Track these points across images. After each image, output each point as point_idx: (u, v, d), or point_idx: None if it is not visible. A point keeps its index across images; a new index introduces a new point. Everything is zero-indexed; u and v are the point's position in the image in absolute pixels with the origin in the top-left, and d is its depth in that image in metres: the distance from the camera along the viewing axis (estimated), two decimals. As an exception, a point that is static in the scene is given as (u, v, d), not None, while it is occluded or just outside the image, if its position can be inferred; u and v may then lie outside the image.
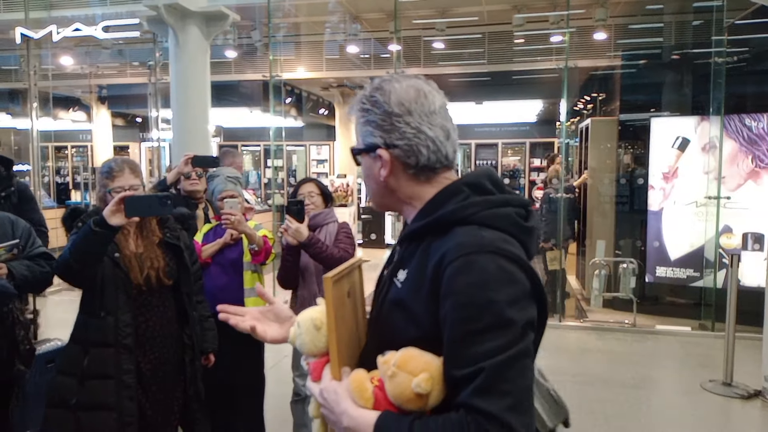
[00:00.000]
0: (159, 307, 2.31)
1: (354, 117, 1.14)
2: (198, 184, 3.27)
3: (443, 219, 1.04)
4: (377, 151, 1.09)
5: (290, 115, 11.94)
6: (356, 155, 1.15)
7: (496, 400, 0.90)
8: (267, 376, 3.24)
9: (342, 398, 1.01)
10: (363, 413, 0.98)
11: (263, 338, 1.24)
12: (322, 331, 1.09)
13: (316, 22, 9.25)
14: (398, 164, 1.09)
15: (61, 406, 2.16)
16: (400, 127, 1.07)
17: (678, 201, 6.18)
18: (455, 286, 0.95)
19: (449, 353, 0.95)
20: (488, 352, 0.91)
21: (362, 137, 1.12)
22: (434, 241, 1.03)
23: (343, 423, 1.00)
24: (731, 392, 4.30)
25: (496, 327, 0.92)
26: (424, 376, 0.94)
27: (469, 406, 0.91)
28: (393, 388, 0.96)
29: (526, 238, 1.05)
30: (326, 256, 2.73)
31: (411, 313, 1.02)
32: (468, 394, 0.91)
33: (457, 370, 0.93)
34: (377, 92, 1.09)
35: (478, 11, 8.27)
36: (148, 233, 2.33)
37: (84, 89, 12.55)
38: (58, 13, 7.88)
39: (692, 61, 6.76)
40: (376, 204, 1.20)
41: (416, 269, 1.04)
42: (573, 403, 1.07)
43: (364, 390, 0.99)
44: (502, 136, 12.07)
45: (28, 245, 2.50)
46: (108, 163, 2.31)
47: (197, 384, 2.41)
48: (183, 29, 6.38)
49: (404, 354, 0.97)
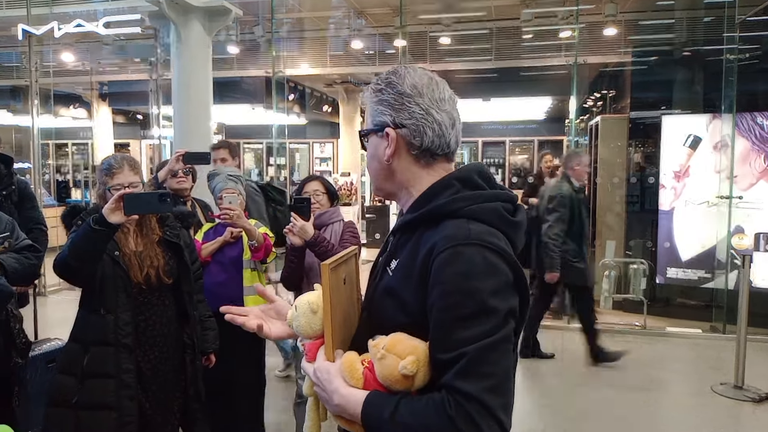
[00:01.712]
0: (159, 306, 2.30)
1: (366, 100, 1.20)
2: (185, 182, 3.25)
3: (434, 212, 1.10)
4: (385, 129, 1.14)
5: (293, 112, 11.87)
6: (364, 137, 1.21)
7: (475, 381, 0.96)
8: (269, 377, 3.18)
9: (334, 377, 1.08)
10: (353, 392, 1.05)
11: (268, 336, 1.29)
12: (318, 314, 1.15)
13: (320, 18, 9.17)
14: (403, 144, 1.15)
15: (61, 405, 2.16)
16: (410, 107, 1.13)
17: (689, 200, 6.09)
18: (443, 276, 1.01)
19: (435, 338, 1.01)
20: (471, 337, 0.97)
21: (372, 117, 1.18)
22: (425, 232, 1.10)
23: (334, 400, 1.06)
24: (742, 395, 4.25)
25: (479, 314, 0.99)
26: (411, 359, 1.00)
27: (451, 387, 0.97)
28: (381, 370, 1.03)
29: (512, 231, 1.10)
30: (332, 255, 2.64)
31: (401, 300, 1.09)
32: (451, 376, 0.97)
33: (442, 354, 0.99)
34: (392, 75, 1.16)
35: (486, 6, 8.20)
36: (148, 231, 2.32)
37: (85, 86, 12.54)
38: (59, 10, 7.85)
39: (704, 58, 6.69)
40: (376, 188, 1.24)
41: (407, 259, 1.11)
42: (583, 406, 1.01)
43: (354, 370, 1.06)
44: (510, 134, 11.98)
45: (14, 238, 2.54)
46: (107, 160, 2.29)
47: (197, 384, 2.40)
48: (185, 24, 6.31)
49: (393, 338, 1.04)
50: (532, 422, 3.85)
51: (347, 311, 1.21)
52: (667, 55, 7.18)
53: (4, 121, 13.31)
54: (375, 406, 1.02)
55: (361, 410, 1.03)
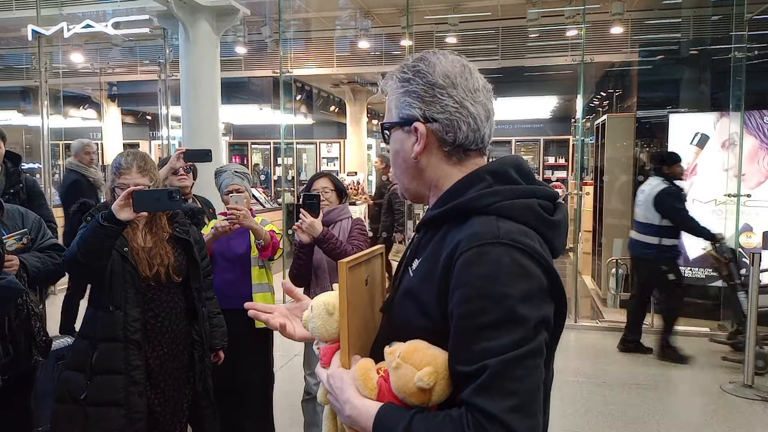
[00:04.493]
0: (168, 302, 2.29)
1: (389, 89, 1.08)
2: (186, 180, 3.26)
3: (461, 207, 0.99)
4: (414, 124, 1.03)
5: (300, 112, 11.89)
6: (387, 130, 1.09)
7: (498, 400, 0.85)
8: (278, 374, 3.20)
9: (347, 386, 0.99)
10: (365, 403, 0.96)
11: (291, 336, 1.20)
12: (334, 316, 1.07)
13: (327, 18, 9.20)
14: (434, 140, 1.04)
15: (69, 401, 2.15)
16: (442, 99, 1.01)
17: (697, 199, 6.06)
18: (465, 278, 0.91)
19: (455, 347, 0.91)
20: (495, 348, 0.87)
21: (398, 109, 1.06)
22: (451, 230, 0.99)
23: (346, 411, 0.98)
24: (752, 394, 4.23)
25: (505, 323, 0.88)
26: (428, 370, 0.90)
27: (470, 404, 0.87)
28: (396, 380, 0.94)
29: (549, 231, 0.99)
30: (340, 253, 2.66)
31: (421, 303, 0.99)
32: (471, 391, 0.87)
33: (462, 366, 0.89)
34: (421, 62, 1.04)
35: (492, 6, 8.20)
36: (158, 229, 2.31)
37: (94, 87, 12.60)
38: (69, 10, 7.91)
39: (711, 57, 6.65)
40: (403, 189, 1.13)
41: (429, 258, 1.01)
42: (590, 405, 1.01)
43: (368, 379, 0.97)
44: (516, 133, 11.94)
45: (39, 237, 2.53)
46: (118, 159, 2.28)
47: (206, 381, 2.39)
48: (193, 24, 6.35)
49: (410, 346, 0.94)
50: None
51: (367, 315, 1.12)
52: (674, 54, 7.14)
53: (14, 121, 13.41)
54: (387, 420, 0.92)
55: (372, 424, 0.93)
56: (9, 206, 2.55)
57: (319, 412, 3.06)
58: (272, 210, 9.41)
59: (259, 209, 9.19)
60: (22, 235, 2.41)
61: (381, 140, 1.17)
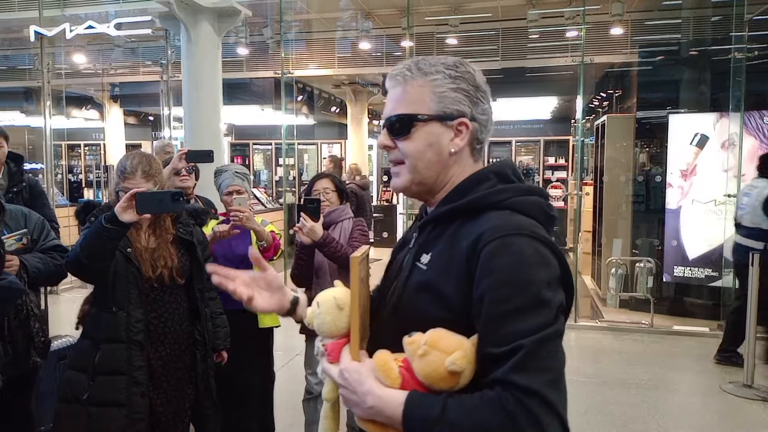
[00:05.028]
0: (171, 303, 2.29)
1: (430, 79, 1.10)
2: (188, 180, 3.23)
3: (475, 202, 1.06)
4: (462, 119, 1.09)
5: (302, 113, 11.91)
6: (421, 122, 1.09)
7: (534, 376, 0.90)
8: (278, 373, 3.22)
9: (366, 378, 1.00)
10: (390, 392, 0.98)
11: (254, 308, 1.21)
12: (345, 311, 1.08)
13: (328, 19, 9.21)
14: (470, 138, 1.11)
15: (72, 401, 2.15)
16: (483, 103, 1.11)
17: (696, 199, 6.08)
18: (493, 266, 0.96)
19: (486, 331, 0.95)
20: (527, 329, 0.92)
21: (442, 103, 1.09)
22: (464, 224, 1.05)
23: (368, 402, 0.99)
24: (752, 394, 4.24)
25: (533, 306, 0.94)
26: (459, 354, 0.94)
27: (507, 382, 0.90)
28: (424, 367, 0.95)
29: (550, 226, 1.07)
30: (341, 256, 2.68)
31: (440, 295, 1.02)
32: (506, 369, 0.91)
33: (495, 348, 0.93)
34: (462, 66, 1.11)
35: (492, 7, 8.21)
36: (162, 231, 2.30)
37: (97, 88, 12.63)
38: (71, 11, 7.93)
39: (711, 57, 6.66)
40: (415, 183, 1.13)
41: (445, 251, 1.05)
42: (590, 405, 1.03)
43: (390, 370, 0.99)
44: (516, 133, 11.94)
45: (42, 238, 2.51)
46: (124, 162, 2.25)
47: (209, 381, 2.39)
48: (195, 25, 6.37)
49: (435, 333, 0.97)
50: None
51: (366, 311, 1.14)
52: (674, 55, 7.14)
53: (17, 122, 13.44)
54: (419, 406, 0.94)
55: (402, 411, 0.95)
56: (12, 207, 2.54)
57: (320, 411, 3.09)
58: (273, 210, 9.44)
59: (261, 209, 9.22)
60: (22, 235, 2.39)
61: (385, 132, 1.12)
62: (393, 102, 1.13)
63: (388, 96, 1.15)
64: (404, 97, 1.11)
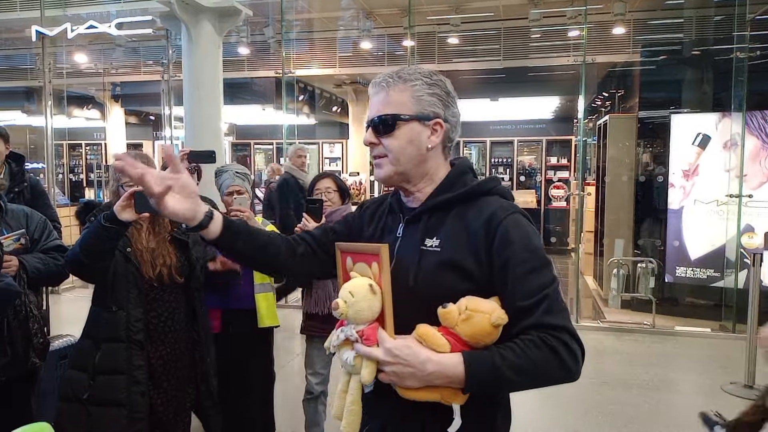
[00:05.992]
0: (170, 302, 2.29)
1: (410, 85, 1.27)
2: None
3: (474, 191, 1.28)
4: (437, 120, 1.28)
5: (303, 112, 11.91)
6: (399, 121, 1.26)
7: (559, 315, 1.16)
8: (279, 374, 3.21)
9: (419, 349, 1.13)
10: (443, 356, 1.13)
11: (165, 208, 1.18)
12: (378, 295, 1.18)
13: (329, 19, 9.21)
14: (443, 137, 1.30)
15: (72, 400, 2.16)
16: (453, 107, 1.31)
17: (698, 199, 6.06)
18: (511, 237, 1.19)
19: (515, 289, 1.17)
20: (547, 282, 1.17)
21: (421, 106, 1.27)
22: (466, 208, 1.26)
23: (428, 369, 1.11)
24: (753, 395, 4.20)
25: (545, 264, 1.20)
26: (500, 311, 1.14)
27: (542, 324, 1.14)
28: (470, 328, 1.13)
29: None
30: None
31: (463, 269, 1.20)
32: (539, 315, 1.14)
33: (526, 300, 1.15)
34: (435, 75, 1.30)
35: (494, 6, 8.20)
36: (161, 230, 2.31)
37: (98, 87, 12.64)
38: (73, 11, 7.93)
39: (713, 57, 6.64)
40: (397, 173, 1.29)
41: (457, 232, 1.24)
42: (591, 405, 1.04)
43: (438, 338, 1.14)
44: (518, 133, 11.91)
45: (43, 238, 2.50)
46: None
47: (209, 380, 2.39)
48: (196, 25, 6.37)
49: (470, 300, 1.16)
50: (539, 420, 3.86)
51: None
52: (676, 54, 7.13)
53: (18, 121, 13.46)
54: (477, 360, 1.12)
55: (464, 368, 1.11)
56: (14, 206, 2.53)
57: (321, 412, 3.09)
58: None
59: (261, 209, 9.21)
60: (20, 235, 2.38)
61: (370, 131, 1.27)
62: (377, 105, 1.29)
63: (372, 101, 1.30)
64: (387, 100, 1.27)
